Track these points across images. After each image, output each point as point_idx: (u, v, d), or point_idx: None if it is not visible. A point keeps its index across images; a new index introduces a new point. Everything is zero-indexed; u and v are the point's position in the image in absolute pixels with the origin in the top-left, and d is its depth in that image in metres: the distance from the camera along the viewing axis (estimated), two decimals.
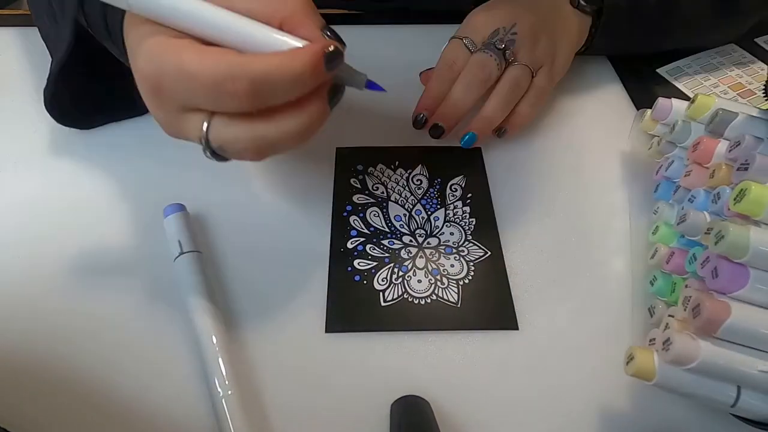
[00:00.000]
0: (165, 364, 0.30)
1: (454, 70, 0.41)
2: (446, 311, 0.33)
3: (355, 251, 0.36)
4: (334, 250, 0.36)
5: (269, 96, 0.24)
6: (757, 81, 0.48)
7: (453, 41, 0.43)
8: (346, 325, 0.32)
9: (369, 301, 0.33)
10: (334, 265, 0.35)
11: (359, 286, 0.34)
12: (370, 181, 0.40)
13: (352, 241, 0.36)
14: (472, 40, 0.42)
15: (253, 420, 0.28)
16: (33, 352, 0.31)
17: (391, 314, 0.33)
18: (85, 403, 0.29)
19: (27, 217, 0.36)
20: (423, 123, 0.41)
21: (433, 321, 0.33)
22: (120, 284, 0.33)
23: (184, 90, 0.24)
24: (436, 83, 0.42)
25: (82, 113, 0.40)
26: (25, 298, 0.33)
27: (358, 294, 0.34)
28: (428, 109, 0.41)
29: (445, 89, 0.41)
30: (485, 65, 0.40)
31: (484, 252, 0.36)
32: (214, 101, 0.24)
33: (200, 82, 0.23)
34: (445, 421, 0.29)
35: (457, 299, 0.34)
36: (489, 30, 0.41)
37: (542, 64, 0.42)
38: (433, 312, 0.33)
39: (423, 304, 0.33)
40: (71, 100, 0.39)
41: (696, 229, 0.30)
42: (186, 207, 0.35)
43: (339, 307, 0.33)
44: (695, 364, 0.24)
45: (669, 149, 0.37)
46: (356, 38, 0.51)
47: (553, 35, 0.43)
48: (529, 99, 0.42)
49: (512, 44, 0.41)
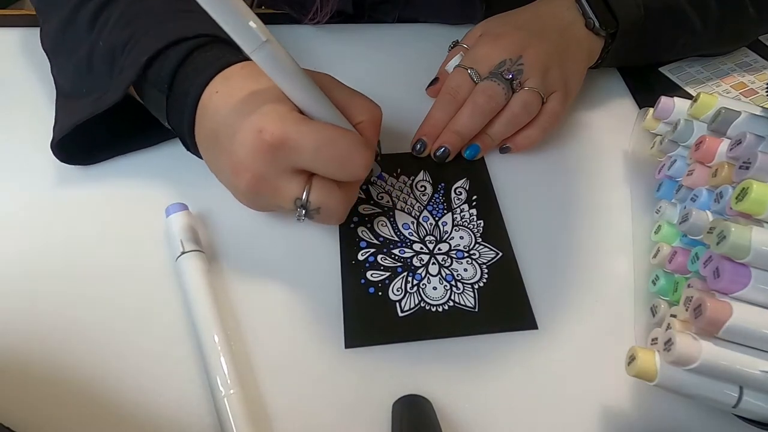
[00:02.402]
0: (167, 363, 0.30)
1: (457, 98, 0.41)
2: (465, 317, 0.32)
3: (367, 262, 0.35)
4: (345, 262, 0.35)
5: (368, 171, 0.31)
6: (760, 80, 0.48)
7: (458, 69, 0.42)
8: (366, 339, 0.32)
9: (386, 313, 0.33)
10: (347, 278, 0.34)
11: (374, 298, 0.33)
12: (374, 190, 0.39)
13: (363, 253, 0.35)
14: (477, 71, 0.41)
15: (255, 419, 0.28)
16: (34, 352, 0.31)
17: (410, 324, 0.32)
18: (86, 403, 0.29)
19: (26, 216, 0.36)
20: (422, 150, 0.40)
21: (452, 328, 0.32)
22: (121, 283, 0.33)
23: (310, 152, 0.28)
24: (438, 110, 0.41)
25: (91, 152, 0.39)
26: (26, 298, 0.33)
27: (375, 306, 0.33)
28: (428, 135, 0.41)
29: (447, 117, 0.41)
30: (493, 93, 0.39)
31: (496, 253, 0.36)
32: (334, 166, 0.29)
33: (333, 151, 0.29)
34: (447, 421, 0.29)
35: (474, 303, 0.33)
36: (495, 61, 0.40)
37: (555, 89, 0.41)
38: (452, 318, 0.32)
39: (441, 312, 0.33)
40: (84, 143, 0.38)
41: (698, 228, 0.30)
42: (188, 207, 0.35)
43: (356, 322, 0.32)
44: (697, 365, 0.24)
45: (671, 148, 0.37)
46: (357, 38, 0.52)
47: (564, 62, 0.42)
48: (541, 123, 0.41)
49: (519, 74, 0.40)
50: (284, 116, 0.28)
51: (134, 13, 0.35)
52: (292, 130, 0.28)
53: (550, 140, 0.43)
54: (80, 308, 0.32)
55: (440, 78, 0.45)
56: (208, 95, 0.31)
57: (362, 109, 0.32)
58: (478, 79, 0.40)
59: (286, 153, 0.28)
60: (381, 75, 0.47)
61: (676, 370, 0.25)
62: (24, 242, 0.35)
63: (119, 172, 0.39)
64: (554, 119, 0.41)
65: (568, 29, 0.43)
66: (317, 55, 0.49)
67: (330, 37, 0.51)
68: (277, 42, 0.26)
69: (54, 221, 0.36)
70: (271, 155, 0.28)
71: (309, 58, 0.48)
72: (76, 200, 0.37)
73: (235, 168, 0.30)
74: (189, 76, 0.32)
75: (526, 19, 0.43)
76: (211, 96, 0.31)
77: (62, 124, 0.36)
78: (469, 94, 0.40)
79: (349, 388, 0.30)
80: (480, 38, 0.43)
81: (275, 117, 0.28)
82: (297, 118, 0.29)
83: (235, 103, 0.30)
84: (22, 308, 0.32)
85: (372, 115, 0.33)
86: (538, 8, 0.44)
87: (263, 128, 0.28)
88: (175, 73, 0.32)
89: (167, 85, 0.32)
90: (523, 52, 0.40)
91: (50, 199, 0.37)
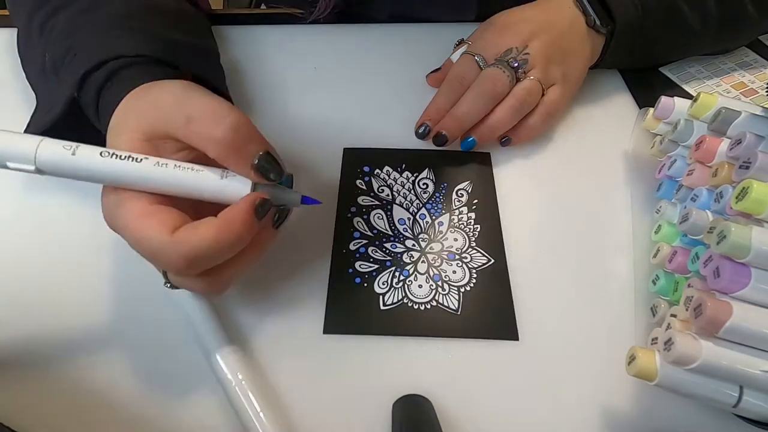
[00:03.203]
0: (167, 362, 0.31)
1: (463, 84, 0.41)
2: (445, 318, 0.33)
3: (357, 253, 0.35)
4: (336, 250, 0.36)
5: (209, 263, 0.26)
6: (760, 80, 0.48)
7: (465, 56, 0.42)
8: (345, 327, 0.32)
9: (368, 304, 0.33)
10: (336, 266, 0.35)
11: (359, 288, 0.34)
12: (376, 183, 0.39)
13: (355, 243, 0.36)
14: (483, 57, 0.41)
15: (269, 401, 0.28)
16: (36, 352, 0.31)
17: (390, 318, 0.33)
18: (87, 403, 0.29)
19: (23, 219, 0.36)
20: (426, 134, 0.41)
21: (431, 327, 0.32)
22: (110, 288, 0.33)
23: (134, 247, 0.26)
24: (443, 95, 0.42)
25: None
26: (26, 298, 0.33)
27: (358, 296, 0.33)
28: (432, 120, 0.41)
29: (452, 101, 0.41)
30: (497, 80, 0.40)
31: (488, 259, 0.36)
32: (158, 265, 0.26)
33: (142, 250, 0.25)
34: (447, 422, 0.29)
35: (457, 306, 0.33)
36: (502, 49, 0.41)
37: (554, 82, 0.42)
38: (432, 318, 0.33)
39: (422, 310, 0.33)
40: None
41: (698, 228, 0.30)
42: None
43: (338, 309, 0.33)
44: (697, 365, 0.24)
45: (671, 148, 0.37)
46: (359, 37, 0.52)
47: (567, 55, 0.42)
48: (540, 113, 0.41)
49: (525, 63, 0.40)
50: (112, 208, 0.26)
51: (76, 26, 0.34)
52: (112, 223, 0.26)
53: (551, 140, 0.43)
54: (76, 310, 0.33)
55: (443, 68, 0.45)
56: None
57: (202, 139, 0.26)
58: (484, 66, 0.41)
59: None
60: (380, 75, 0.47)
61: (676, 370, 0.25)
62: (18, 244, 0.35)
63: None
64: (552, 110, 0.42)
65: (570, 25, 0.43)
66: (316, 55, 0.49)
67: (326, 37, 0.51)
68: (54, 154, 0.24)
69: (50, 221, 0.36)
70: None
71: (308, 59, 0.48)
72: (70, 203, 0.37)
73: None
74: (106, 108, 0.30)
75: (532, 13, 0.44)
76: None
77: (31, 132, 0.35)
78: (475, 79, 0.41)
79: (349, 388, 0.30)
80: (488, 27, 0.44)
81: (104, 206, 0.26)
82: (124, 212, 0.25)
83: None
84: (21, 309, 0.32)
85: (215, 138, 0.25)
86: (543, 4, 0.44)
87: (103, 209, 0.26)
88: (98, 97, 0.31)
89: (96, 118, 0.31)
90: (530, 43, 0.41)
91: (47, 199, 0.37)
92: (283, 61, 0.48)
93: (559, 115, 0.44)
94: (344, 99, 0.45)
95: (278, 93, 0.46)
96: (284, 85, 0.46)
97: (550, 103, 0.42)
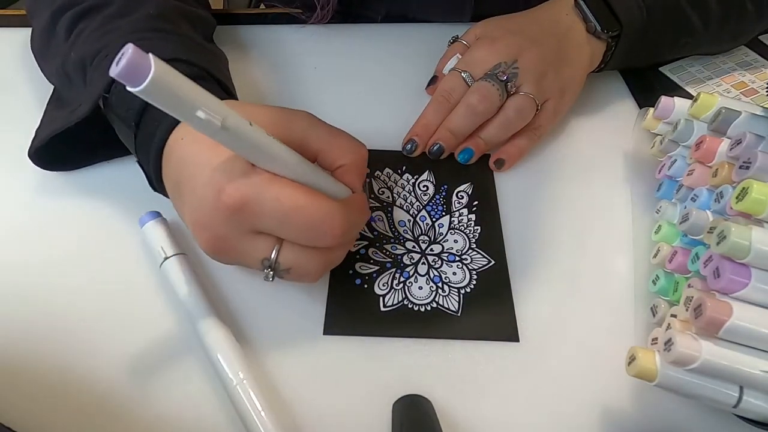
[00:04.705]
0: (167, 362, 0.31)
1: (450, 100, 0.40)
2: (446, 319, 0.33)
3: (358, 254, 0.35)
4: None
5: (354, 234, 0.30)
6: (760, 79, 0.48)
7: (452, 72, 0.41)
8: (345, 328, 0.32)
9: (368, 306, 0.33)
10: (336, 267, 0.34)
11: (360, 289, 0.34)
12: (376, 185, 0.39)
13: (355, 244, 0.36)
14: (470, 74, 0.40)
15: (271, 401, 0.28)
16: (36, 353, 0.31)
17: (390, 320, 0.32)
18: (87, 403, 0.29)
19: (23, 219, 0.36)
20: (413, 150, 0.40)
21: (432, 329, 0.32)
22: (111, 288, 0.33)
23: (273, 219, 0.26)
24: (430, 112, 0.41)
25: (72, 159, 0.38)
26: (24, 299, 0.33)
27: (358, 298, 0.33)
28: (419, 136, 0.41)
29: (439, 118, 0.41)
30: (487, 93, 0.39)
31: (488, 261, 0.36)
32: (301, 235, 0.27)
33: (299, 219, 0.26)
34: (447, 422, 0.29)
35: (458, 308, 0.33)
36: (490, 64, 0.40)
37: (549, 97, 0.41)
38: (433, 320, 0.33)
39: (423, 312, 0.33)
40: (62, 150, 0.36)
41: (698, 228, 0.30)
42: (162, 214, 0.35)
43: (338, 310, 0.33)
44: (697, 365, 0.24)
45: (671, 148, 0.37)
46: (359, 38, 0.52)
47: (562, 67, 0.41)
48: (529, 134, 0.41)
49: (515, 77, 0.39)
50: (248, 174, 0.26)
51: (110, 28, 0.34)
52: (254, 192, 0.26)
53: (551, 140, 0.43)
54: (79, 311, 0.33)
55: (438, 77, 0.45)
56: (174, 140, 0.29)
57: (344, 151, 0.30)
58: (471, 83, 0.40)
59: (246, 216, 0.26)
60: (380, 75, 0.47)
61: (676, 370, 0.25)
62: (13, 246, 0.35)
63: (88, 184, 0.38)
64: (544, 131, 0.41)
65: (567, 34, 0.42)
66: (316, 55, 0.49)
67: (326, 37, 0.51)
68: (236, 117, 0.23)
69: (48, 221, 0.36)
70: (231, 218, 0.26)
71: (307, 59, 0.48)
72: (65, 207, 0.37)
73: (194, 225, 0.28)
74: (155, 116, 0.30)
75: (524, 23, 0.43)
76: (176, 141, 0.29)
77: (41, 134, 0.36)
78: (463, 95, 0.40)
79: (349, 389, 0.30)
80: (477, 42, 0.43)
81: (238, 175, 0.26)
82: (262, 180, 0.26)
83: (199, 154, 0.28)
84: (22, 308, 0.32)
85: (355, 156, 0.30)
86: (537, 13, 0.44)
87: (223, 188, 0.26)
88: (143, 110, 0.31)
89: (135, 122, 0.31)
90: (519, 57, 0.40)
91: (45, 202, 0.37)
92: (282, 61, 0.48)
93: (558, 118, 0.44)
94: (344, 99, 0.45)
95: (278, 93, 0.46)
96: (284, 85, 0.46)
97: (540, 126, 0.41)
